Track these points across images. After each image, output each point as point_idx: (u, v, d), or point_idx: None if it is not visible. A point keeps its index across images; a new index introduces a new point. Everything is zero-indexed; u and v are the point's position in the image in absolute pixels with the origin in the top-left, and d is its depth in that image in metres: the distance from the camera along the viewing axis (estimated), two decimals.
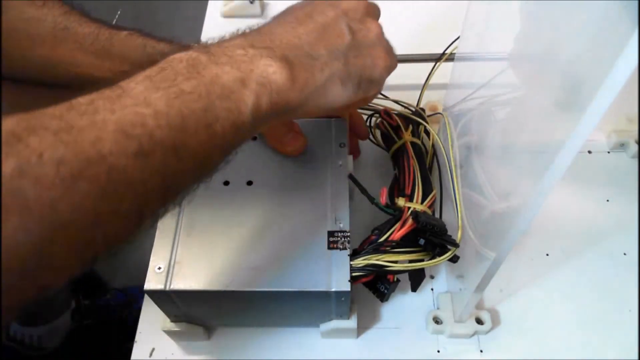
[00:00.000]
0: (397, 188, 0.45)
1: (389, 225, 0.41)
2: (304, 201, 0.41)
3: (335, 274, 0.38)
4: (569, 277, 0.48)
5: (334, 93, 0.32)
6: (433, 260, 0.40)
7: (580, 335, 0.45)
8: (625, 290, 0.47)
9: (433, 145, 0.49)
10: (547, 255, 0.50)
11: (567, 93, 0.26)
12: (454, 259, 0.40)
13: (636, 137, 0.55)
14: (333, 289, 0.37)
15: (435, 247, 0.39)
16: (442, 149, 0.46)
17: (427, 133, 0.50)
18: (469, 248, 0.40)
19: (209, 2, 0.75)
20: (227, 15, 0.72)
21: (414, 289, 0.44)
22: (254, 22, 0.33)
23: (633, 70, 0.19)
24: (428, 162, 0.49)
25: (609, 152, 0.57)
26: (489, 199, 0.37)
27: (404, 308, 0.47)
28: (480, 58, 0.42)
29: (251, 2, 0.70)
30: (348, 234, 0.39)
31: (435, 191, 0.44)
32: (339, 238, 0.39)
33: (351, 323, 0.43)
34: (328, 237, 0.39)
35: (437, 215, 0.44)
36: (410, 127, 0.49)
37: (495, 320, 0.46)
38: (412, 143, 0.48)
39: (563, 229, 0.51)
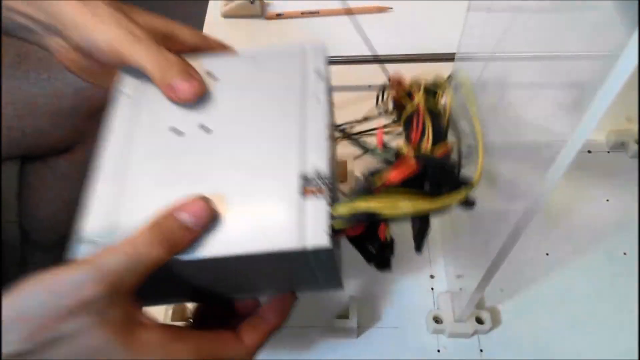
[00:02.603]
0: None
1: (384, 165, 0.33)
2: (272, 145, 0.34)
3: (311, 227, 0.30)
4: (569, 277, 0.48)
5: None
6: (442, 198, 0.32)
7: (580, 335, 0.45)
8: (625, 290, 0.47)
9: (450, 112, 0.40)
10: (547, 255, 0.50)
11: (568, 93, 0.26)
12: (470, 204, 0.32)
13: (636, 137, 0.55)
14: (309, 246, 0.29)
15: (443, 190, 0.32)
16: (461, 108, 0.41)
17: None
18: (469, 247, 0.40)
19: (209, 2, 0.75)
20: (228, 16, 0.72)
21: (419, 246, 0.36)
22: (254, 23, 0.33)
23: (633, 70, 0.19)
24: (445, 123, 0.40)
25: (608, 152, 0.57)
26: (490, 197, 0.37)
27: (404, 308, 0.47)
28: (480, 58, 0.42)
29: (251, 2, 0.70)
30: (327, 179, 0.31)
31: (451, 143, 0.37)
32: (314, 183, 0.31)
33: (351, 323, 0.43)
34: (301, 182, 0.31)
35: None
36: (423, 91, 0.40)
37: (496, 320, 0.46)
38: (426, 106, 0.39)
39: (563, 229, 0.51)
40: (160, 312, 0.44)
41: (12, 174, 0.69)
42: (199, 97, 0.35)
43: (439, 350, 0.45)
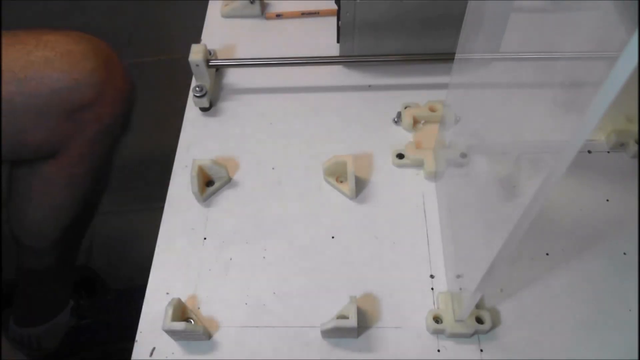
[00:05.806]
0: None
1: None
2: None
3: None
4: (569, 277, 0.48)
5: None
6: None
7: (580, 335, 0.45)
8: (625, 290, 0.47)
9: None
10: (547, 255, 0.50)
11: (568, 93, 0.26)
12: None
13: (636, 137, 0.55)
14: None
15: None
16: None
17: None
18: (469, 247, 0.40)
19: (209, 2, 0.75)
20: (227, 16, 0.72)
21: None
22: (254, 23, 0.33)
23: (633, 70, 0.19)
24: None
25: (608, 152, 0.57)
26: (490, 197, 0.37)
27: (404, 308, 0.47)
28: (480, 58, 0.42)
29: (251, 3, 0.70)
30: None
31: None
32: None
33: (351, 323, 0.43)
34: None
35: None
36: None
37: (496, 320, 0.46)
38: None
39: (563, 229, 0.51)
40: (160, 312, 0.44)
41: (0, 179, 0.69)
42: None
43: (439, 350, 0.45)
